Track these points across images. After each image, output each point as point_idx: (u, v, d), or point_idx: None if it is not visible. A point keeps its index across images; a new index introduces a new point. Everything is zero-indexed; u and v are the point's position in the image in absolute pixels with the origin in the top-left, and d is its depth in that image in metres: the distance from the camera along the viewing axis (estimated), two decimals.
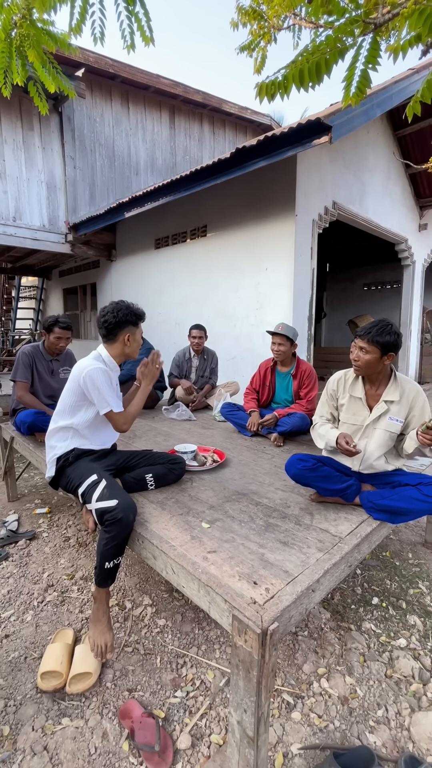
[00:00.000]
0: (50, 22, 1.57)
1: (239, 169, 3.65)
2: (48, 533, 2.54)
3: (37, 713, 1.35)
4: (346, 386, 1.89)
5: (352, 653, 1.60)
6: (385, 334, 1.65)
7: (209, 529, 1.53)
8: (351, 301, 9.82)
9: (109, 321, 1.83)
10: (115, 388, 2.00)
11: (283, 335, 2.77)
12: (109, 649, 1.49)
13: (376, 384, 1.80)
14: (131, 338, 1.88)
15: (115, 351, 1.90)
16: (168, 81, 6.65)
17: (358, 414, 1.83)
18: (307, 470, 1.74)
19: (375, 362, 1.70)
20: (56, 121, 5.96)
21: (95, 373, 1.75)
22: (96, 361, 1.82)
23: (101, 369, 1.78)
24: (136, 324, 1.89)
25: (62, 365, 2.92)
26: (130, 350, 1.91)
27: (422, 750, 1.25)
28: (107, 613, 1.56)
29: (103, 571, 1.50)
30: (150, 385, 1.94)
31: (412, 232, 6.58)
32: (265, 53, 1.50)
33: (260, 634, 0.98)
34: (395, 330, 1.68)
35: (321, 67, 0.93)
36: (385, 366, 1.74)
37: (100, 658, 1.48)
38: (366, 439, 1.82)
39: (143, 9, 1.48)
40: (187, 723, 1.32)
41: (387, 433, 1.76)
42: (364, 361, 1.71)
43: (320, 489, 1.74)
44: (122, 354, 1.91)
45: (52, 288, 9.44)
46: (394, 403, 1.74)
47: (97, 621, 1.53)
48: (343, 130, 3.18)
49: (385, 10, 0.87)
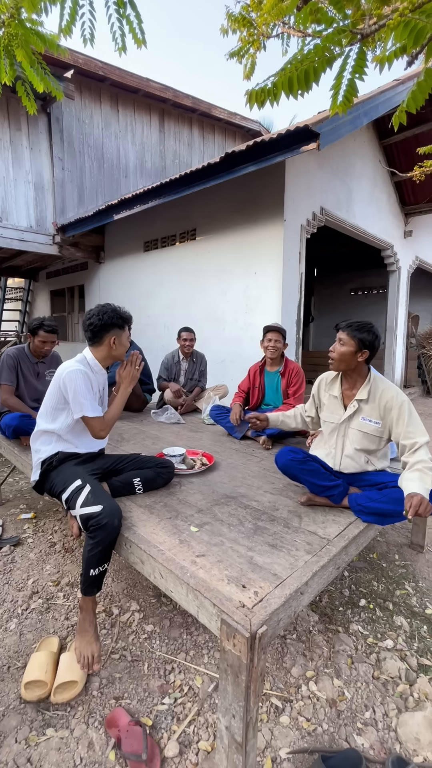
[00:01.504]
0: (39, 23, 1.56)
1: (228, 174, 3.67)
2: (33, 539, 2.49)
3: (20, 724, 1.32)
4: (326, 386, 1.96)
5: (340, 655, 1.61)
6: (364, 331, 1.70)
7: (198, 532, 1.52)
8: (338, 306, 9.96)
9: (94, 324, 1.81)
10: (101, 392, 1.98)
11: (278, 331, 2.87)
12: (96, 660, 1.45)
13: (352, 384, 1.84)
14: (117, 341, 1.86)
15: (101, 354, 1.87)
16: (158, 85, 6.67)
17: (335, 413, 1.88)
18: (296, 462, 1.77)
19: (349, 356, 1.73)
20: (44, 121, 5.91)
21: (73, 375, 1.72)
22: (78, 364, 1.80)
23: (80, 371, 1.75)
24: (122, 327, 1.87)
25: (48, 368, 2.89)
26: (117, 353, 1.89)
27: (409, 750, 1.26)
28: (94, 622, 1.52)
29: (89, 579, 1.47)
30: (129, 387, 1.91)
31: (397, 239, 6.71)
32: (255, 60, 1.52)
33: (249, 638, 0.98)
34: (375, 331, 1.73)
35: (309, 75, 0.95)
36: (359, 364, 1.76)
37: (86, 669, 1.44)
38: (342, 438, 1.85)
39: (134, 12, 1.48)
40: (175, 730, 1.31)
41: (361, 434, 1.78)
42: (338, 353, 1.74)
43: (308, 483, 1.76)
44: (109, 357, 1.89)
45: (39, 290, 9.32)
46: (366, 403, 1.76)
47: (84, 631, 1.49)
48: (330, 137, 3.24)
49: (372, 21, 0.89)
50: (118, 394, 1.90)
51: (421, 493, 1.44)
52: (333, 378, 1.94)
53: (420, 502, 1.40)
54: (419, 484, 1.48)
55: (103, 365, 1.91)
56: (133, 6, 1.40)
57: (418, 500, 1.41)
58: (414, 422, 1.67)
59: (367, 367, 1.81)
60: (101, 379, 1.94)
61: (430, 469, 1.55)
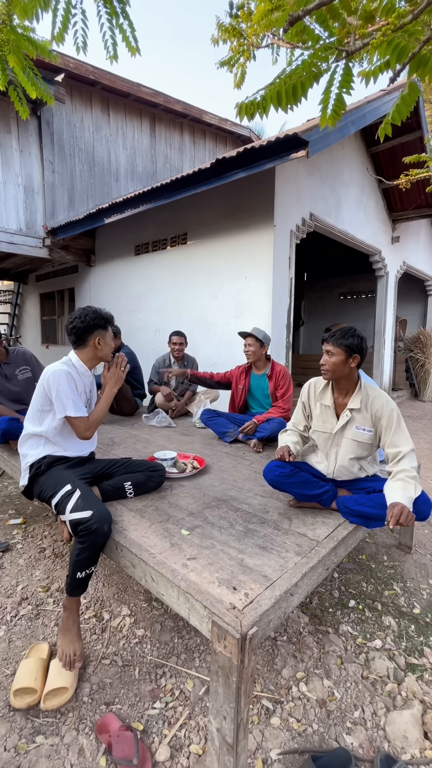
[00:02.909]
0: (31, 29, 1.57)
1: (219, 179, 3.71)
2: (22, 544, 2.46)
3: (9, 732, 1.30)
4: (316, 394, 1.92)
5: (329, 656, 1.63)
6: (349, 337, 1.73)
7: (189, 536, 1.53)
8: (328, 310, 10.08)
9: (77, 326, 1.83)
10: (89, 394, 1.98)
11: (252, 335, 2.91)
12: (78, 658, 1.47)
13: (344, 392, 1.83)
14: (102, 341, 1.88)
15: (86, 356, 1.89)
16: (149, 90, 6.70)
17: (327, 422, 1.86)
18: (284, 476, 1.77)
19: (341, 364, 1.74)
20: (35, 124, 5.89)
21: (57, 375, 1.74)
22: (63, 365, 1.81)
23: (64, 372, 1.76)
24: (105, 327, 1.89)
25: (17, 366, 2.86)
26: (103, 354, 1.91)
27: (397, 748, 1.28)
28: (77, 622, 1.53)
29: (75, 581, 1.48)
30: (114, 388, 1.92)
31: (385, 245, 6.84)
32: (245, 69, 1.55)
33: (239, 639, 0.99)
34: (358, 334, 1.75)
35: (297, 90, 0.98)
36: (352, 370, 1.77)
37: (69, 667, 1.45)
38: (336, 448, 1.85)
39: (127, 20, 1.51)
40: (166, 734, 1.31)
41: (355, 443, 1.79)
42: (331, 364, 1.76)
43: (297, 495, 1.77)
44: (94, 358, 1.91)
45: (28, 292, 9.23)
46: (359, 412, 1.76)
47: (67, 630, 1.50)
48: (319, 145, 3.30)
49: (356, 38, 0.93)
50: (103, 395, 1.92)
51: (402, 502, 1.45)
52: (323, 387, 1.90)
53: (401, 512, 1.41)
54: (401, 494, 1.49)
55: (89, 366, 1.92)
56: (125, 15, 1.43)
57: (398, 510, 1.42)
58: (401, 431, 1.69)
59: (357, 373, 1.83)
60: (87, 381, 1.95)
61: (412, 478, 1.57)
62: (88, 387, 1.95)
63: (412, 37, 0.90)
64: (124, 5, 1.40)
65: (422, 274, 8.55)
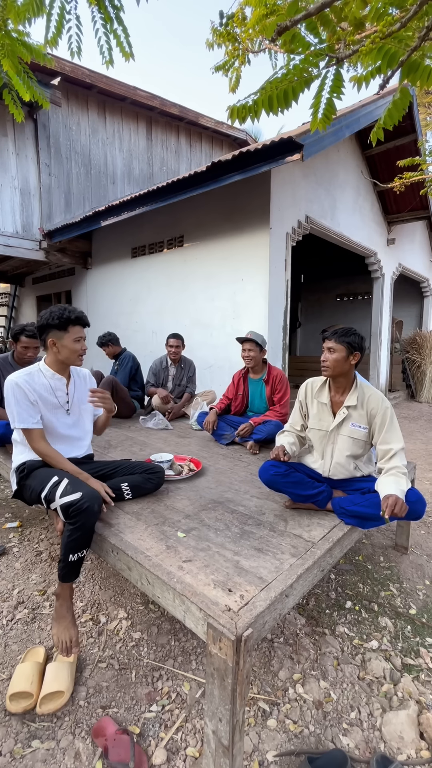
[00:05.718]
0: (25, 33, 1.58)
1: (215, 182, 3.73)
2: (19, 548, 2.45)
3: (5, 737, 1.30)
4: (313, 393, 1.96)
5: (326, 657, 1.63)
6: (350, 335, 1.77)
7: (185, 538, 1.53)
8: (325, 312, 10.11)
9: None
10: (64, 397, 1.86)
11: (252, 341, 2.87)
12: (74, 644, 1.48)
13: (341, 390, 1.86)
14: (58, 344, 1.75)
15: (50, 358, 1.82)
16: (145, 93, 6.73)
17: (324, 420, 1.90)
18: (279, 476, 1.78)
19: (342, 361, 1.77)
20: (31, 127, 5.90)
21: (7, 386, 1.72)
22: (19, 373, 1.75)
23: (12, 382, 1.71)
24: (62, 328, 1.73)
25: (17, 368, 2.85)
26: (62, 357, 1.78)
27: (393, 749, 1.28)
28: (71, 609, 1.54)
29: (68, 564, 1.48)
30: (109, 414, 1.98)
31: (380, 247, 6.87)
32: (240, 74, 1.57)
33: (234, 641, 0.99)
34: (358, 333, 1.79)
35: (288, 95, 0.99)
36: (351, 368, 1.81)
37: (65, 654, 1.46)
38: (332, 445, 1.88)
39: (121, 26, 1.52)
40: (163, 737, 1.30)
41: (351, 440, 1.82)
42: (332, 360, 1.78)
43: (292, 495, 1.78)
44: (57, 361, 1.81)
45: (25, 295, 9.22)
46: (355, 409, 1.80)
47: (61, 617, 1.51)
48: (314, 148, 3.33)
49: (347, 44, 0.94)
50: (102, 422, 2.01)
51: (396, 494, 1.50)
52: (321, 385, 1.93)
53: (395, 502, 1.45)
54: (394, 486, 1.54)
55: (57, 370, 1.82)
56: (119, 21, 1.44)
57: (393, 500, 1.46)
58: (393, 429, 1.73)
59: (354, 372, 1.86)
60: (59, 384, 1.85)
61: (404, 474, 1.62)
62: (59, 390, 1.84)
63: (401, 43, 0.91)
64: (118, 11, 1.41)
65: (418, 275, 8.60)
